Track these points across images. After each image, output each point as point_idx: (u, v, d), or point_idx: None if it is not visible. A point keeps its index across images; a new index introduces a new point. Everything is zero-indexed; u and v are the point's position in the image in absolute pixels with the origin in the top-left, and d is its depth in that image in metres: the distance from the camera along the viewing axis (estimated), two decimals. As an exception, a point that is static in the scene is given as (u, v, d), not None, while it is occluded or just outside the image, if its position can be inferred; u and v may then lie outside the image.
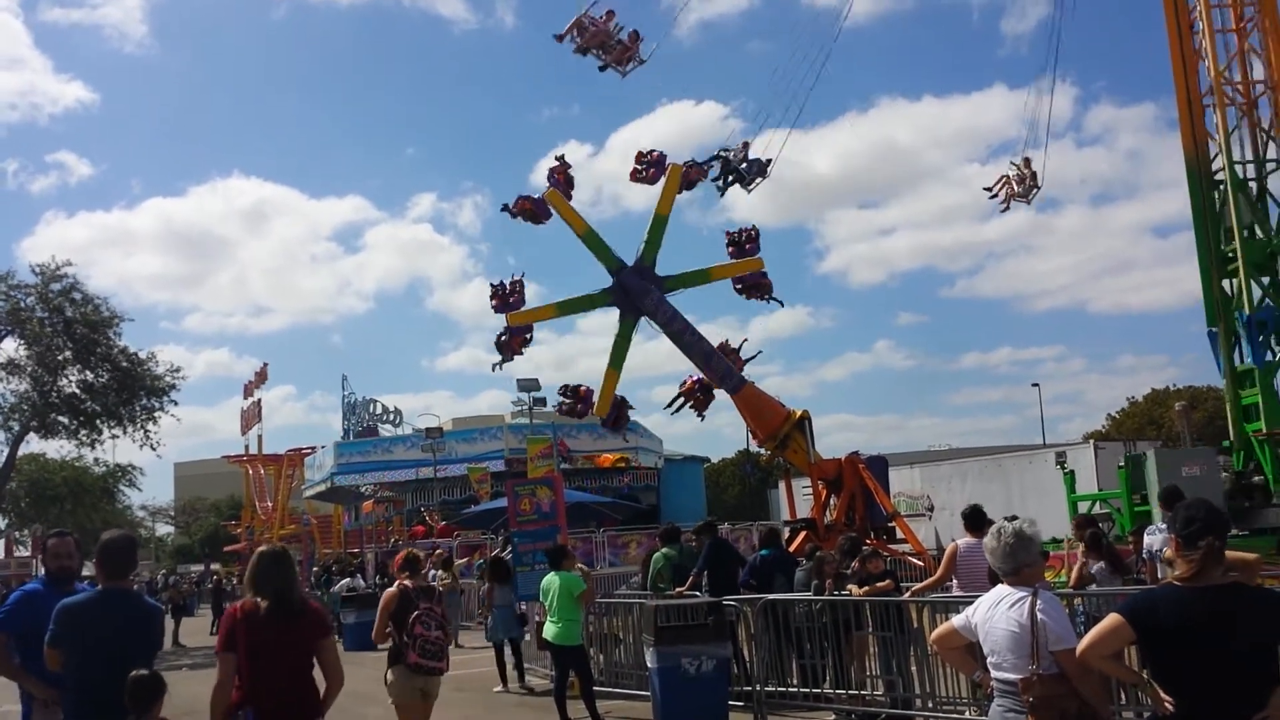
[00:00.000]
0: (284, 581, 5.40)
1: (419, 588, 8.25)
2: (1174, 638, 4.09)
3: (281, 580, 5.40)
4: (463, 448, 47.97)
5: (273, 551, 5.64)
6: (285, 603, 5.32)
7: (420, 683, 7.84)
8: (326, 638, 5.48)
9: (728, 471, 77.98)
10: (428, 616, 7.85)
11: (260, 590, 5.35)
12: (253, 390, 61.46)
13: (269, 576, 5.38)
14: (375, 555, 36.73)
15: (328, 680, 5.44)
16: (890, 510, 23.48)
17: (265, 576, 5.39)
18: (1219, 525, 4.25)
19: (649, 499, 47.91)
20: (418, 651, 7.72)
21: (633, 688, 12.08)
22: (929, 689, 10.25)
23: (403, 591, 8.09)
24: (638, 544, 29.06)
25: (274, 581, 5.36)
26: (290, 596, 5.38)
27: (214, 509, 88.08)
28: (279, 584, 5.37)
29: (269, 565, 5.45)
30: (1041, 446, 41.56)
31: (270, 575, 5.39)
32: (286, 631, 5.26)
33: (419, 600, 7.99)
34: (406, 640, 7.78)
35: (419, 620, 7.80)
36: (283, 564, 5.51)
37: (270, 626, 5.23)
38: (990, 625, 4.82)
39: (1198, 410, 53.73)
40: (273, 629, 5.22)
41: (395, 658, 7.91)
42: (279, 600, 5.30)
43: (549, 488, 15.43)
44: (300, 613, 5.38)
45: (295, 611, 5.35)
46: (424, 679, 7.85)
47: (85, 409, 31.25)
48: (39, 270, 30.25)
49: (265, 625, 5.23)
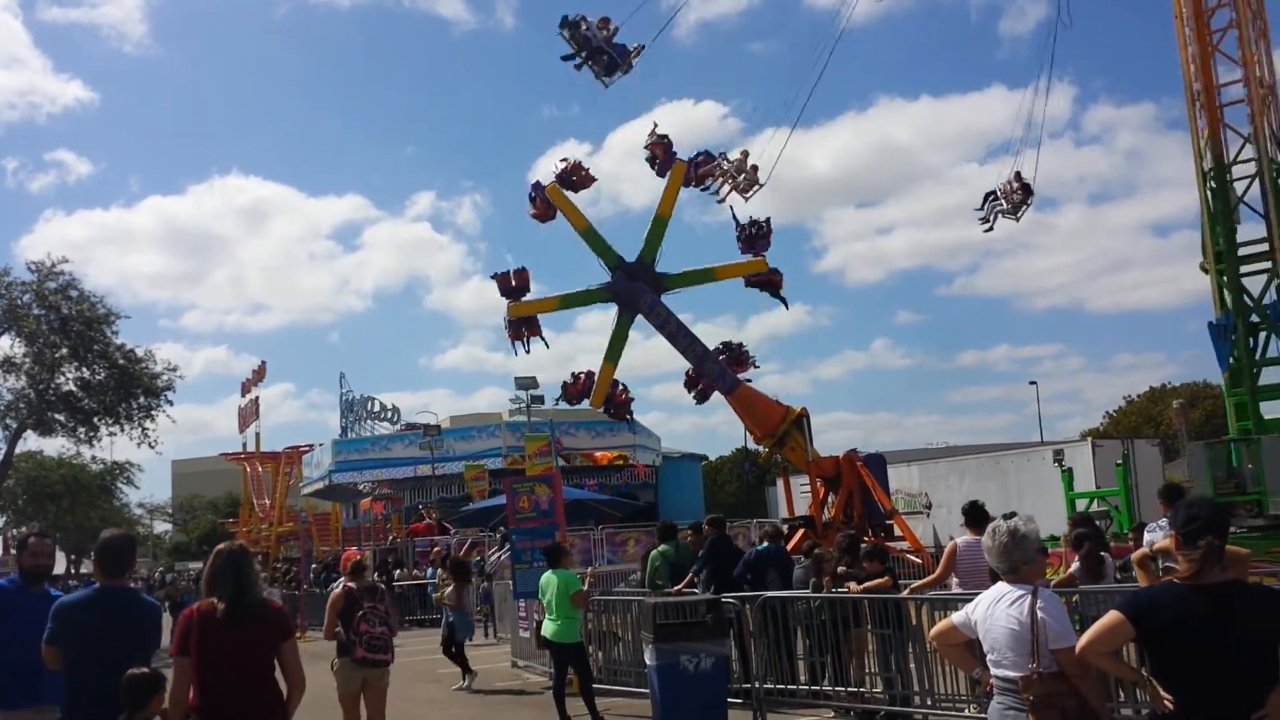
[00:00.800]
0: (242, 581, 5.17)
1: (364, 588, 9.13)
2: (1173, 635, 4.09)
3: (240, 580, 5.16)
4: (461, 445, 47.96)
5: (230, 549, 5.38)
6: (242, 604, 5.10)
7: (364, 674, 8.73)
8: (287, 640, 5.26)
9: (726, 469, 78.03)
10: (372, 614, 8.80)
11: (217, 591, 5.13)
12: (250, 388, 61.37)
13: (226, 576, 5.16)
14: (374, 553, 36.73)
15: (289, 684, 5.23)
16: (888, 508, 23.50)
17: (222, 576, 5.16)
18: (1219, 524, 4.26)
19: (647, 496, 47.90)
20: (364, 646, 8.66)
21: (632, 685, 12.08)
22: (928, 686, 10.26)
23: (348, 592, 8.98)
24: (636, 541, 29.08)
25: (231, 581, 5.14)
26: (247, 597, 5.15)
27: (211, 506, 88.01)
28: (237, 584, 5.14)
29: (225, 564, 5.21)
30: (1039, 444, 41.59)
31: (227, 575, 5.16)
32: (244, 634, 5.06)
33: (363, 600, 8.90)
34: (354, 637, 8.69)
35: (364, 618, 8.74)
36: (241, 563, 5.26)
37: (227, 629, 5.02)
38: (990, 623, 4.82)
39: (1197, 408, 53.83)
40: (230, 631, 5.02)
41: (343, 651, 8.78)
42: (236, 601, 5.08)
43: (547, 485, 15.42)
44: (259, 614, 5.19)
45: (253, 613, 5.15)
46: (368, 671, 8.74)
47: (82, 406, 31.25)
48: (35, 268, 30.24)
49: (222, 628, 5.02)
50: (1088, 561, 10.26)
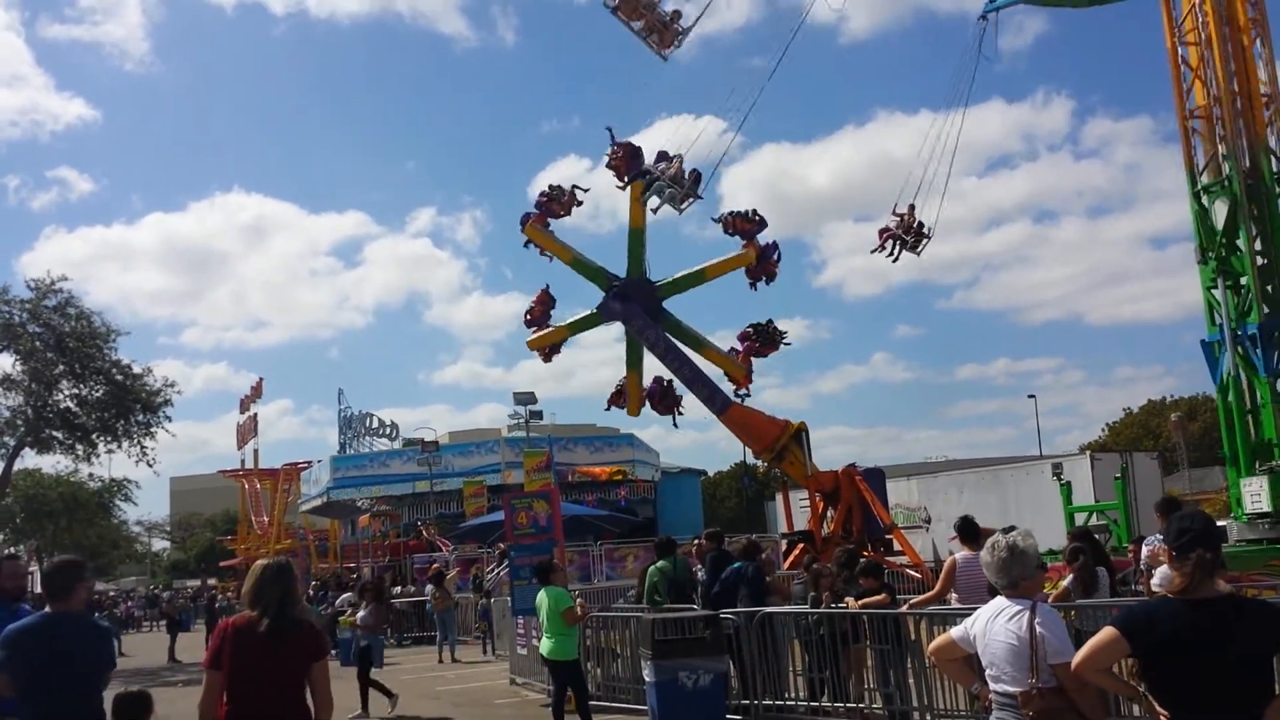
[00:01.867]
0: (285, 598, 5.09)
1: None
2: (1169, 650, 4.07)
3: (283, 596, 5.08)
4: (459, 461, 47.95)
5: (275, 564, 5.27)
6: (283, 620, 5.01)
7: None
8: (320, 660, 5.14)
9: (725, 484, 77.98)
10: None
11: (259, 605, 5.04)
12: (249, 405, 61.35)
13: (269, 591, 5.07)
14: (372, 570, 36.64)
15: (316, 706, 5.12)
16: (888, 522, 23.48)
17: (265, 591, 5.07)
18: (1211, 537, 4.25)
19: (646, 512, 47.86)
20: None
21: (630, 702, 12.04)
22: (927, 701, 10.24)
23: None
24: (635, 557, 29.01)
25: (275, 597, 5.05)
26: (290, 613, 5.07)
27: (209, 524, 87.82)
28: (281, 600, 5.06)
29: (271, 580, 5.11)
30: (1038, 458, 41.59)
31: (271, 590, 5.07)
32: (280, 650, 4.97)
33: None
34: None
35: None
36: (284, 578, 5.16)
37: (264, 645, 4.94)
38: (989, 638, 4.80)
39: (1195, 421, 53.82)
40: (266, 647, 4.94)
41: None
42: (278, 617, 5.00)
43: (546, 501, 15.43)
44: (297, 632, 5.08)
45: (292, 631, 5.05)
46: None
47: (80, 424, 31.19)
48: (33, 285, 30.25)
49: (260, 643, 4.94)
50: (1081, 575, 10.26)
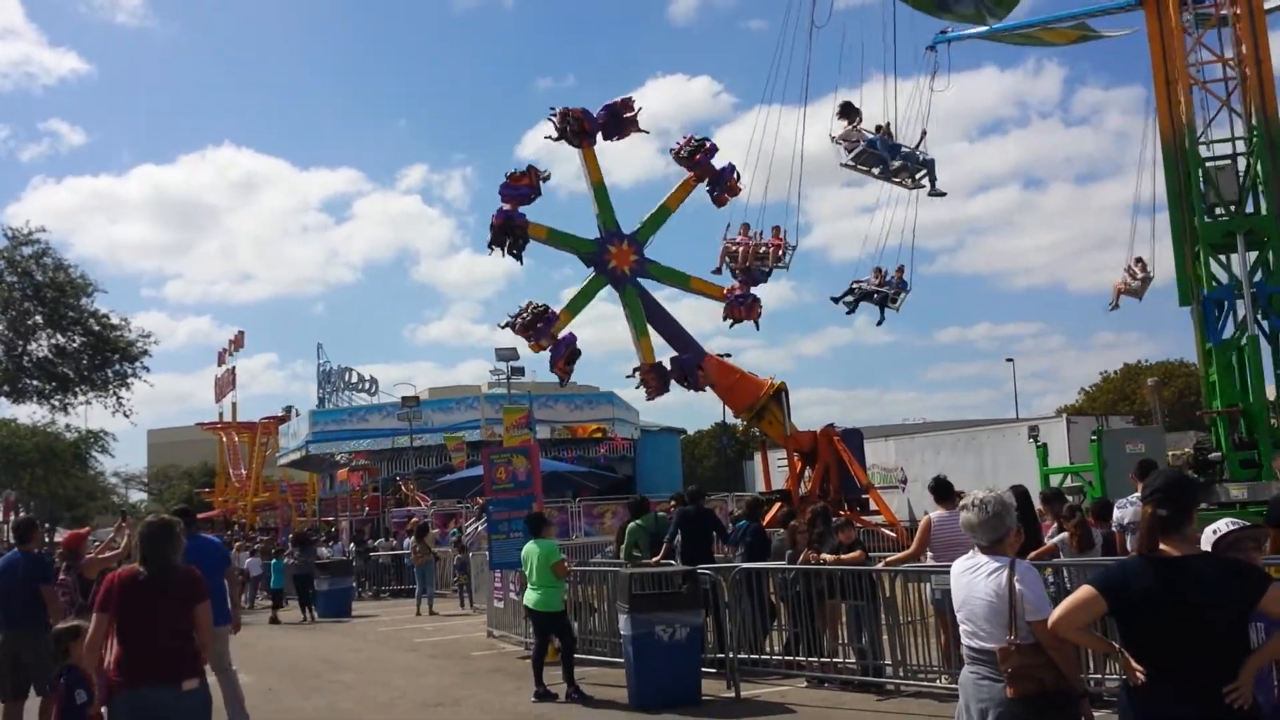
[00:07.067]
0: (169, 551, 5.65)
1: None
2: (1146, 608, 4.10)
3: (167, 550, 5.64)
4: (439, 417, 47.90)
5: (159, 522, 5.84)
6: (165, 569, 5.59)
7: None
8: (200, 602, 5.66)
9: (704, 443, 78.24)
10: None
11: (144, 559, 5.61)
12: (226, 357, 60.99)
13: (154, 547, 5.62)
14: (350, 524, 36.72)
15: (200, 642, 5.65)
16: (864, 482, 23.60)
17: (151, 546, 5.63)
18: (1163, 494, 4.23)
19: (625, 470, 48.02)
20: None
21: (607, 655, 12.15)
22: (900, 657, 10.37)
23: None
24: (613, 514, 29.17)
25: (156, 550, 5.61)
26: (170, 564, 5.64)
27: (187, 476, 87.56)
28: (164, 553, 5.62)
29: (155, 536, 5.67)
30: (1015, 420, 41.86)
31: (152, 545, 5.63)
32: (163, 596, 5.52)
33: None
34: None
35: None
36: (169, 535, 5.72)
37: (147, 591, 5.50)
38: (968, 594, 4.84)
39: (1169, 386, 54.28)
40: (149, 594, 5.49)
41: None
42: (159, 568, 5.57)
43: (525, 457, 15.42)
44: (177, 578, 5.63)
45: (172, 578, 5.61)
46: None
47: (57, 373, 30.96)
48: (9, 234, 29.86)
49: (143, 591, 5.50)
50: (1077, 533, 10.42)
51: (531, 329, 20.63)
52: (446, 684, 12.49)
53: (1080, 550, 10.46)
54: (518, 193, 20.84)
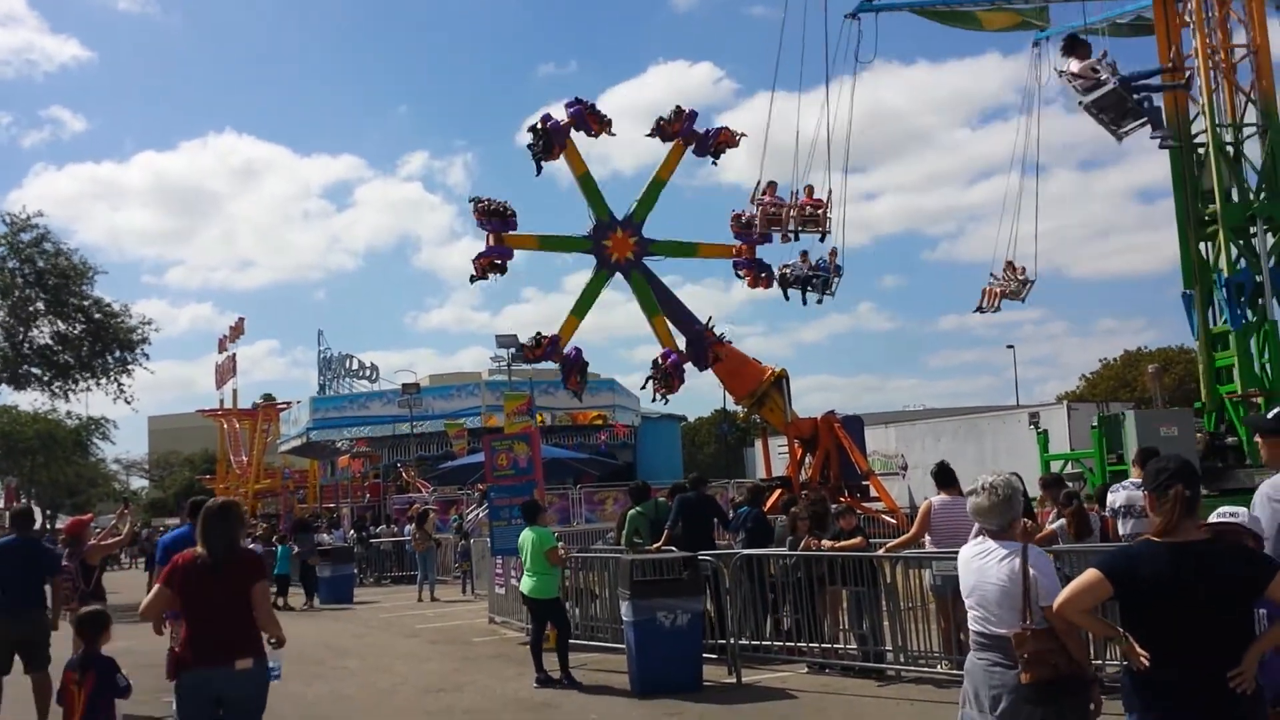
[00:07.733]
0: (230, 535, 5.87)
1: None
2: (1151, 593, 4.10)
3: (227, 534, 5.85)
4: (440, 404, 47.90)
5: (219, 505, 6.03)
6: (228, 552, 5.81)
7: None
8: (259, 581, 5.90)
9: (704, 430, 78.27)
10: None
11: (205, 543, 5.80)
12: (227, 344, 60.94)
13: (213, 529, 5.82)
14: (351, 510, 36.77)
15: (260, 620, 5.87)
16: (865, 469, 23.65)
17: (209, 528, 5.82)
18: (1188, 475, 4.23)
19: (626, 456, 48.07)
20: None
21: (609, 641, 12.17)
22: (900, 643, 10.38)
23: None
24: (614, 500, 29.20)
25: (217, 533, 5.81)
26: (233, 546, 5.87)
27: (188, 463, 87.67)
28: (223, 536, 5.82)
29: (214, 518, 5.87)
30: (1015, 407, 41.88)
31: (214, 528, 5.83)
32: (223, 576, 5.74)
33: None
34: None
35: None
36: (228, 517, 5.93)
37: (210, 573, 5.72)
38: (979, 579, 4.82)
39: (1169, 373, 54.19)
40: (212, 575, 5.72)
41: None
42: (225, 552, 5.78)
43: (526, 443, 15.41)
44: (238, 560, 5.87)
45: (234, 559, 5.84)
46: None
47: (58, 360, 30.93)
48: (9, 220, 29.78)
49: (206, 572, 5.72)
50: (1076, 519, 10.43)
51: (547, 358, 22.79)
52: (448, 670, 12.52)
53: (1078, 537, 10.48)
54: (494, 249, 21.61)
